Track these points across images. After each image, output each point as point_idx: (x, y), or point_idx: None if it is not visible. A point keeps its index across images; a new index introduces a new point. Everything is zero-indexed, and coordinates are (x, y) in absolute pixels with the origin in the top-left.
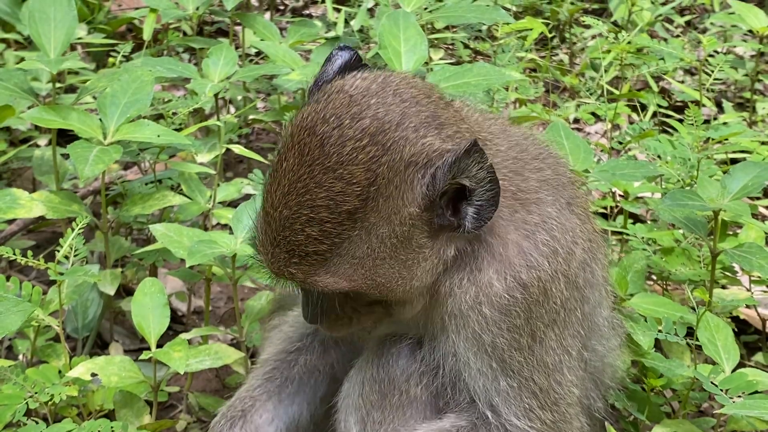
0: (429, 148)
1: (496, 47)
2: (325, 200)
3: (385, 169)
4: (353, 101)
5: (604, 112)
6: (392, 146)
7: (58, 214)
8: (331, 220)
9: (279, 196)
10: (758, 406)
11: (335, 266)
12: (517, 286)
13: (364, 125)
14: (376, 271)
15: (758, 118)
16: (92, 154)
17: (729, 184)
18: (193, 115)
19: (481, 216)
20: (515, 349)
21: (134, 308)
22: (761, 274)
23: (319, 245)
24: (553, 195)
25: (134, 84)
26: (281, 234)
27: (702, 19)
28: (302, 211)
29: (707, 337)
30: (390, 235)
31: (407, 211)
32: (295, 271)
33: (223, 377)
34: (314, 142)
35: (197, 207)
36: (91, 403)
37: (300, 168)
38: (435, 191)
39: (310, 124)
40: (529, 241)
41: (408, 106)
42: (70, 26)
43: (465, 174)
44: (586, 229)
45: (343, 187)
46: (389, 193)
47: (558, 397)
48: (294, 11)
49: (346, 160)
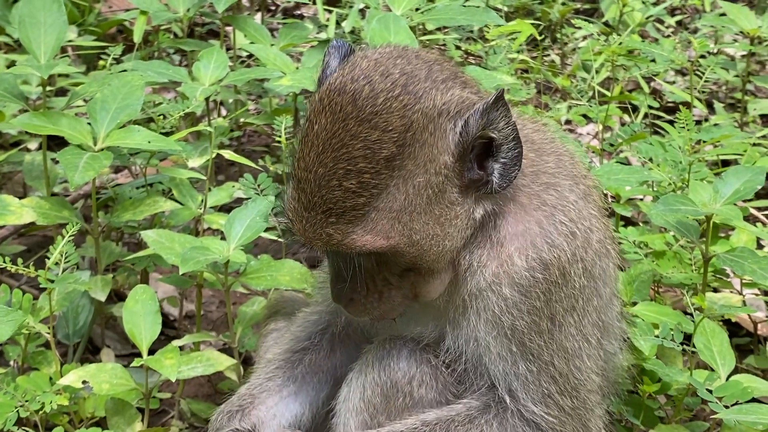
0: (458, 99)
1: (487, 48)
2: (362, 150)
3: (420, 116)
4: (379, 63)
5: (595, 114)
6: (424, 95)
7: (49, 221)
8: (370, 169)
9: (313, 157)
10: (753, 412)
11: (373, 222)
12: (537, 265)
13: (393, 78)
14: (412, 226)
15: (749, 119)
16: (82, 160)
17: (721, 189)
18: (185, 119)
19: (506, 174)
20: (535, 333)
21: (125, 315)
22: (753, 279)
23: (357, 198)
24: (572, 182)
25: (124, 89)
26: (317, 194)
27: (693, 19)
28: (339, 165)
29: (703, 342)
30: (426, 185)
31: (442, 159)
32: (333, 231)
33: (216, 383)
34: (346, 99)
35: (188, 212)
36: (82, 410)
37: (333, 125)
38: (468, 138)
39: (340, 85)
40: (549, 220)
41: (432, 65)
42: (60, 30)
43: (494, 126)
44: (602, 224)
45: (379, 135)
46: (424, 139)
47: (578, 383)
48: (285, 11)
49: (380, 110)
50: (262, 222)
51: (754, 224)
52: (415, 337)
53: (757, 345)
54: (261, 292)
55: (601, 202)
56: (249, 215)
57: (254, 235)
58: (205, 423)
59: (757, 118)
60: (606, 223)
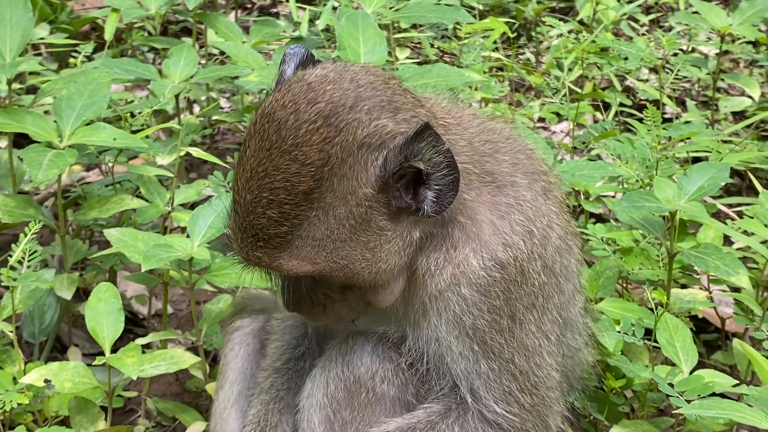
0: (382, 130)
1: (462, 46)
2: (282, 182)
3: (339, 149)
4: (311, 88)
5: (566, 111)
6: (345, 127)
7: (14, 218)
8: (289, 201)
9: (243, 182)
10: (714, 407)
11: (297, 249)
12: (494, 265)
13: (318, 108)
14: (337, 253)
15: (721, 116)
16: (46, 158)
17: (686, 185)
18: (156, 116)
19: (441, 200)
20: (496, 331)
21: (88, 313)
22: (717, 274)
23: (279, 227)
24: (529, 180)
25: (91, 86)
26: (247, 219)
27: (667, 17)
28: (263, 194)
29: (666, 338)
30: (348, 216)
31: (362, 192)
32: (261, 255)
33: (183, 381)
34: (272, 127)
35: (156, 210)
36: (46, 409)
37: (260, 153)
38: (386, 173)
39: (270, 111)
40: (503, 220)
41: (363, 91)
42: (26, 28)
43: (419, 157)
44: (563, 220)
45: (298, 168)
46: (343, 173)
47: (537, 380)
48: (261, 10)
49: (300, 142)
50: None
51: (723, 221)
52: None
53: (725, 341)
54: (229, 290)
55: (563, 198)
56: (212, 212)
57: (218, 232)
58: (172, 422)
59: (729, 115)
60: (567, 219)
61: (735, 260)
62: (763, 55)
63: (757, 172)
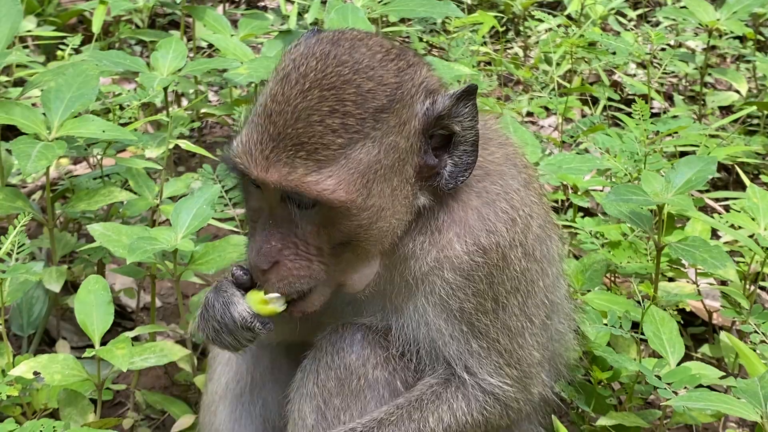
0: (437, 79)
1: (450, 40)
2: (354, 95)
3: (408, 79)
4: (368, 34)
5: (555, 105)
6: (414, 65)
7: (2, 211)
8: (357, 114)
9: (295, 92)
10: (702, 399)
11: (340, 169)
12: (477, 249)
13: (387, 46)
14: (372, 187)
15: (708, 111)
16: (35, 150)
17: (673, 179)
18: (144, 109)
19: (454, 176)
20: (481, 313)
21: (77, 306)
22: (704, 268)
23: (336, 138)
24: (515, 170)
25: (79, 78)
26: (292, 126)
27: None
28: (325, 103)
29: (652, 330)
30: (395, 147)
31: (411, 125)
32: (298, 165)
33: (173, 374)
34: (341, 50)
35: (144, 202)
36: (35, 401)
37: (326, 69)
38: (432, 114)
39: (333, 38)
40: (489, 207)
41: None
42: (14, 20)
43: (459, 119)
44: (543, 209)
45: (374, 86)
46: (406, 101)
47: (520, 357)
48: (249, 3)
49: (377, 65)
50: (209, 210)
51: (711, 215)
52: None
53: (712, 334)
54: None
55: (542, 190)
56: (196, 203)
57: (201, 223)
58: (161, 414)
59: (716, 110)
60: (546, 209)
61: (722, 253)
62: (750, 50)
63: (744, 166)
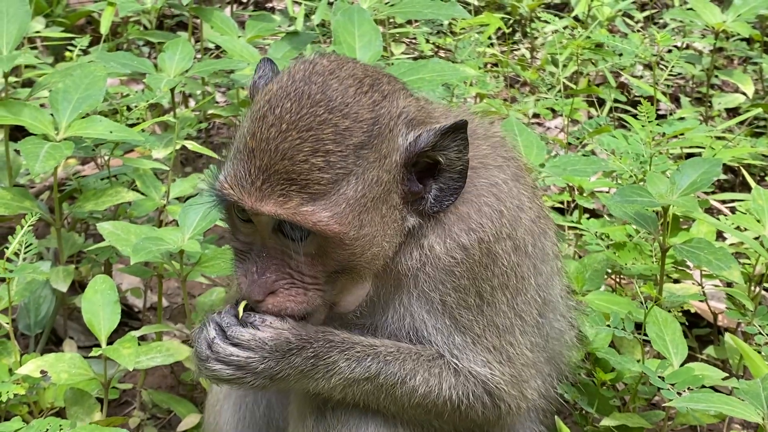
0: (416, 107)
1: (457, 42)
2: (332, 135)
3: (385, 112)
4: (339, 63)
5: (561, 107)
6: (389, 95)
7: (10, 211)
8: (338, 152)
9: (273, 133)
10: (704, 400)
11: (333, 203)
12: (456, 247)
13: (360, 77)
14: (362, 218)
15: (714, 113)
16: (43, 150)
17: (678, 180)
18: (152, 110)
19: (440, 201)
20: (464, 308)
21: (84, 305)
22: (709, 269)
23: (323, 174)
24: (503, 162)
25: (87, 79)
26: (279, 163)
27: (662, 13)
28: (305, 144)
29: (656, 332)
30: (378, 181)
31: (393, 159)
32: (294, 196)
33: (179, 373)
34: (314, 88)
35: (151, 203)
36: (42, 400)
37: (300, 110)
38: (415, 149)
39: (305, 76)
40: (470, 205)
41: (385, 75)
42: (22, 21)
43: (444, 151)
44: (535, 204)
45: (350, 124)
46: (385, 135)
47: (511, 356)
48: (257, 4)
49: (351, 102)
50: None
51: (716, 217)
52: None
53: (717, 336)
54: (222, 283)
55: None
56: (204, 205)
57: (209, 224)
58: (166, 414)
59: (722, 111)
60: (540, 204)
61: (727, 255)
62: (757, 52)
63: (750, 168)
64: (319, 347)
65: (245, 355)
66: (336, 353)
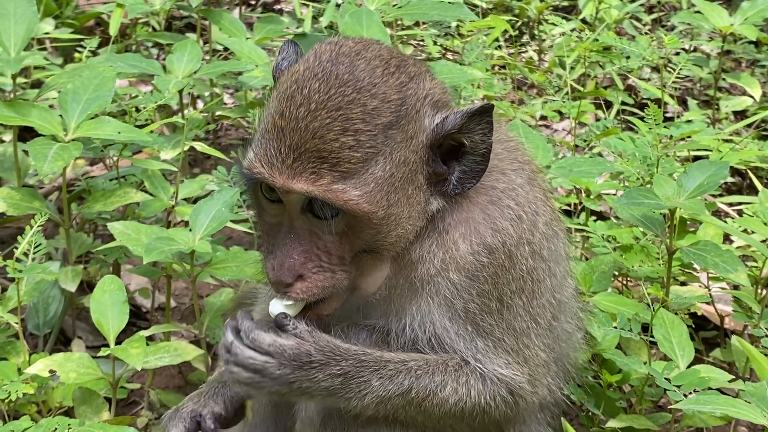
0: (441, 89)
1: (464, 44)
2: (361, 114)
3: (412, 93)
4: (366, 45)
5: (568, 109)
6: (415, 77)
7: (19, 211)
8: (367, 131)
9: (303, 112)
10: (710, 402)
11: (363, 182)
12: (482, 250)
13: (386, 58)
14: (390, 197)
15: (722, 116)
16: (52, 151)
17: (685, 183)
18: (160, 111)
19: (461, 182)
20: (486, 313)
21: (93, 305)
22: (716, 272)
23: (353, 153)
24: (519, 167)
25: (96, 80)
26: (309, 141)
27: (669, 16)
28: (335, 123)
29: (662, 334)
30: (405, 161)
31: (419, 139)
32: (325, 174)
33: (186, 374)
34: (341, 69)
35: (160, 204)
36: (50, 400)
37: (329, 90)
38: (442, 131)
39: (332, 56)
40: (495, 206)
41: (410, 58)
42: (30, 22)
43: (469, 134)
44: (548, 207)
45: (378, 104)
46: (412, 116)
47: (527, 357)
48: (265, 6)
49: (379, 82)
50: (227, 212)
51: (724, 220)
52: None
53: (724, 338)
54: (231, 284)
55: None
56: (215, 206)
57: (219, 225)
58: None
59: (730, 114)
60: (552, 207)
61: (734, 257)
62: (765, 54)
63: (758, 171)
64: (347, 366)
65: (263, 359)
66: (368, 373)
